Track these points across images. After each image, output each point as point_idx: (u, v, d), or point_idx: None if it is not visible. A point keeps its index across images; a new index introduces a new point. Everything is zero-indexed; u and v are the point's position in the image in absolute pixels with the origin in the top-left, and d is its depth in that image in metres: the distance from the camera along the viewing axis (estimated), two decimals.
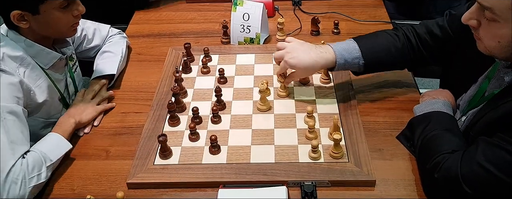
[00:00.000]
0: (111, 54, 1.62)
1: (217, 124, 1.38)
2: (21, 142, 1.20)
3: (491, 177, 1.01)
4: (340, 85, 1.50)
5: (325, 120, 1.37)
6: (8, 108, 1.20)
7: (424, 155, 1.18)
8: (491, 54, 1.10)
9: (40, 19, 1.29)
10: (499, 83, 1.17)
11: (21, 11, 1.25)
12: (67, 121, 1.36)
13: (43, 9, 1.27)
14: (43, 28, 1.33)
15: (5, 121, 1.18)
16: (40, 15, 1.28)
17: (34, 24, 1.30)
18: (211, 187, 1.20)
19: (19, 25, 1.28)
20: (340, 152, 1.24)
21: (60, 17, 1.31)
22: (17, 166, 1.14)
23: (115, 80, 1.60)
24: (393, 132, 1.34)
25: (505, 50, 1.04)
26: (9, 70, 1.26)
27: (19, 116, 1.23)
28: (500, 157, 1.01)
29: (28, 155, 1.19)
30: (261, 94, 1.40)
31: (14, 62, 1.29)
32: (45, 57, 1.38)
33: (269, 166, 1.23)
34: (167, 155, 1.28)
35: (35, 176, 1.17)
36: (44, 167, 1.20)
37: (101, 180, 1.26)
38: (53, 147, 1.26)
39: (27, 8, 1.26)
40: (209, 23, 1.92)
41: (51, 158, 1.22)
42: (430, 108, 1.28)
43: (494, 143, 1.03)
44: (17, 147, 1.17)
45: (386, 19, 1.88)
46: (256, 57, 1.66)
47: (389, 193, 1.17)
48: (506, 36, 1.01)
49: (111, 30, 1.70)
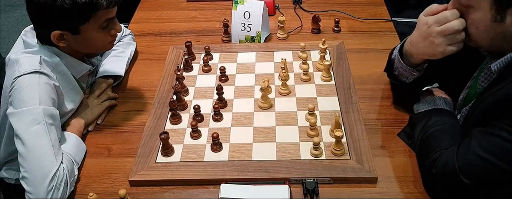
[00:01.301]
0: (121, 54, 1.62)
1: (218, 121, 1.39)
2: (59, 146, 1.21)
3: (488, 164, 1.01)
4: (341, 82, 1.50)
5: (326, 117, 1.37)
6: (48, 111, 1.20)
7: (423, 152, 1.18)
8: (477, 45, 1.11)
9: (79, 39, 1.29)
10: (488, 77, 1.18)
11: (61, 31, 1.26)
12: (78, 122, 1.37)
13: (84, 30, 1.28)
14: (81, 46, 1.34)
15: (47, 124, 1.18)
16: (79, 35, 1.28)
17: (72, 43, 1.30)
18: (213, 185, 1.20)
19: (58, 43, 1.29)
20: (342, 149, 1.24)
21: (98, 37, 1.32)
22: (60, 170, 1.15)
23: (120, 80, 1.60)
24: (395, 129, 1.34)
25: (484, 37, 1.05)
26: (47, 73, 1.26)
27: (56, 119, 1.23)
28: (495, 144, 1.01)
29: (64, 158, 1.20)
30: (262, 92, 1.41)
31: (49, 67, 1.30)
32: (76, 68, 1.39)
33: (270, 163, 1.24)
34: (169, 153, 1.28)
35: (74, 179, 1.20)
36: (76, 169, 1.23)
37: (103, 178, 1.26)
38: (76, 148, 1.28)
39: (68, 29, 1.26)
40: (210, 22, 1.93)
41: (77, 160, 1.26)
42: (430, 105, 1.28)
43: (487, 131, 1.04)
44: (58, 152, 1.18)
45: (386, 17, 1.88)
46: (257, 55, 1.67)
47: (391, 189, 1.18)
48: (482, 20, 1.03)
49: (125, 30, 1.71)
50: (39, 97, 1.20)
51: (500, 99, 1.04)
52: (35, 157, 1.14)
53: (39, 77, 1.23)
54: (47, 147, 1.16)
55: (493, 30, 1.03)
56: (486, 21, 1.03)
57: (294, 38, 1.79)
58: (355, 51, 1.68)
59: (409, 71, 1.28)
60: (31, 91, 1.21)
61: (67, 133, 1.31)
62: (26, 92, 1.21)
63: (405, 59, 1.27)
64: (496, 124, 1.03)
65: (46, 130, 1.17)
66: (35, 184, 1.12)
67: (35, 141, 1.16)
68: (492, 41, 1.06)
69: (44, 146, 1.16)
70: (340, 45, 1.68)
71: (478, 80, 1.22)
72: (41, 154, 1.15)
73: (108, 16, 1.30)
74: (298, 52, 1.63)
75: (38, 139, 1.16)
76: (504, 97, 1.02)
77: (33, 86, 1.21)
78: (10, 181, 1.46)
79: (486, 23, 1.03)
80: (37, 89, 1.21)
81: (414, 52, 1.21)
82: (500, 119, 1.02)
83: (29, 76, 1.23)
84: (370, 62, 1.62)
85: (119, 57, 1.61)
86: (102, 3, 1.24)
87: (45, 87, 1.23)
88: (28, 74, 1.23)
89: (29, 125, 1.17)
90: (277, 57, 1.64)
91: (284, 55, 1.63)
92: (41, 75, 1.24)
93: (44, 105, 1.20)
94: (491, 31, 1.04)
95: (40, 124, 1.17)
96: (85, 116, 1.40)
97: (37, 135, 1.17)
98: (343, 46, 1.67)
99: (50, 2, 1.20)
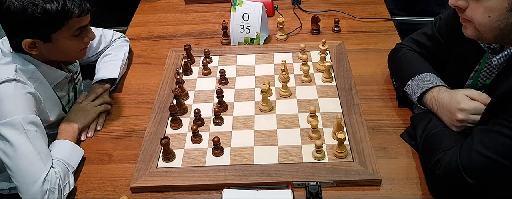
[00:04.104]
0: (113, 58, 1.61)
1: (219, 125, 1.37)
2: (47, 152, 1.20)
3: (491, 163, 1.00)
4: (343, 84, 1.49)
5: (328, 119, 1.36)
6: (28, 119, 1.20)
7: (426, 154, 1.17)
8: (480, 37, 1.10)
9: (51, 47, 1.29)
10: (489, 72, 1.18)
11: (32, 40, 1.25)
12: (70, 126, 1.36)
13: (55, 38, 1.27)
14: (53, 54, 1.33)
15: (29, 132, 1.18)
16: (51, 43, 1.28)
17: (44, 51, 1.30)
18: (215, 190, 1.19)
19: (30, 52, 1.28)
20: (344, 152, 1.23)
21: (70, 45, 1.32)
22: (51, 175, 1.15)
23: (116, 84, 1.59)
24: (397, 130, 1.33)
25: (495, 26, 1.04)
26: (23, 80, 1.26)
27: (39, 126, 1.23)
28: (497, 142, 1.00)
29: (54, 163, 1.19)
30: (263, 95, 1.40)
31: (25, 75, 1.29)
32: (52, 76, 1.38)
33: (273, 167, 1.23)
34: (170, 158, 1.27)
35: (67, 183, 1.19)
36: (70, 174, 1.22)
37: (104, 185, 1.25)
38: (70, 153, 1.27)
39: (40, 37, 1.26)
40: (209, 24, 1.92)
41: (72, 165, 1.24)
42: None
43: (489, 129, 1.03)
44: (46, 157, 1.18)
45: (386, 16, 1.87)
46: (257, 57, 1.65)
47: (395, 192, 1.17)
48: (496, 8, 1.01)
49: (114, 34, 1.70)
50: (16, 107, 1.20)
51: (501, 95, 1.02)
52: (22, 167, 1.14)
53: (16, 86, 1.23)
54: (33, 155, 1.16)
55: (505, 20, 1.02)
56: (502, 10, 1.01)
57: (294, 39, 1.78)
58: (356, 51, 1.67)
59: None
60: (8, 102, 1.20)
61: (59, 140, 1.30)
62: (3, 105, 1.19)
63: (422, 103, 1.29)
64: (497, 121, 1.02)
65: (28, 138, 1.17)
66: (29, 191, 1.13)
67: (19, 151, 1.15)
68: (501, 32, 1.04)
69: (30, 154, 1.16)
70: (340, 45, 1.67)
71: (480, 75, 1.21)
72: (28, 163, 1.15)
73: (81, 24, 1.29)
74: (298, 53, 1.62)
75: (22, 148, 1.16)
76: (505, 93, 1.01)
77: (10, 97, 1.21)
78: (5, 191, 1.46)
79: (501, 12, 1.01)
80: (14, 99, 1.21)
81: (433, 108, 1.23)
82: (501, 115, 1.01)
83: (5, 86, 1.22)
84: (371, 62, 1.60)
85: (112, 61, 1.60)
86: (74, 12, 1.23)
87: (22, 95, 1.23)
88: (4, 84, 1.22)
89: (10, 136, 1.16)
90: (277, 58, 1.63)
91: (284, 57, 1.62)
92: (18, 83, 1.24)
93: (22, 114, 1.19)
94: (504, 21, 1.02)
95: (22, 134, 1.17)
96: (78, 120, 1.39)
97: (20, 144, 1.16)
98: (343, 47, 1.66)
99: (21, 11, 1.19)
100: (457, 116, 1.14)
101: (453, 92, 1.19)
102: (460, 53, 1.27)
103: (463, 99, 1.15)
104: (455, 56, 1.30)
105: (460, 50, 1.27)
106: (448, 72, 1.33)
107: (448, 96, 1.19)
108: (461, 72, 1.28)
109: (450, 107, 1.17)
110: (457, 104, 1.15)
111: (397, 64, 1.42)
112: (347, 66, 1.57)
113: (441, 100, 1.20)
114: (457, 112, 1.14)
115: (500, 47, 1.14)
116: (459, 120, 1.14)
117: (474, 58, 1.23)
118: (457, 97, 1.16)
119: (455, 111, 1.15)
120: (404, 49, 1.42)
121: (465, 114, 1.13)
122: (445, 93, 1.20)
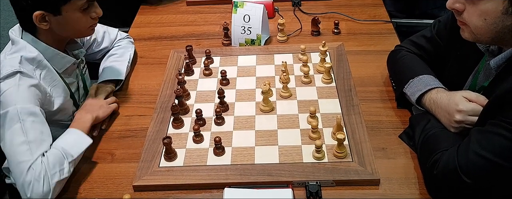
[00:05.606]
0: (119, 59, 1.63)
1: (220, 125, 1.39)
2: (40, 141, 1.21)
3: (488, 163, 1.01)
4: (342, 85, 1.51)
5: (328, 120, 1.38)
6: (26, 109, 1.22)
7: (424, 154, 1.19)
8: (477, 39, 1.12)
9: (61, 20, 1.31)
10: (487, 74, 1.19)
11: (43, 12, 1.27)
12: (85, 116, 1.37)
13: (65, 10, 1.29)
14: (63, 28, 1.35)
15: (24, 122, 1.20)
16: (61, 16, 1.30)
17: (54, 25, 1.32)
18: (217, 189, 1.21)
19: (40, 26, 1.30)
20: (344, 152, 1.25)
21: (80, 18, 1.34)
22: (36, 164, 1.16)
23: (121, 85, 1.61)
24: (396, 130, 1.35)
25: (491, 29, 1.05)
26: (27, 72, 1.28)
27: (38, 116, 1.24)
28: (494, 142, 1.01)
29: (48, 153, 1.21)
30: (263, 96, 1.41)
31: (31, 65, 1.31)
32: (60, 61, 1.40)
33: (273, 166, 1.24)
34: (172, 157, 1.28)
35: (57, 172, 1.19)
36: (66, 162, 1.21)
37: (107, 183, 1.26)
38: (74, 142, 1.28)
39: (50, 9, 1.28)
40: (210, 25, 1.93)
41: (72, 153, 1.24)
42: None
43: (486, 130, 1.04)
44: (35, 146, 1.19)
45: (386, 18, 1.89)
46: (258, 58, 1.67)
47: (394, 191, 1.18)
48: (491, 11, 1.03)
49: (119, 34, 1.71)
50: (16, 99, 1.22)
51: (498, 96, 1.04)
52: (12, 156, 1.18)
53: (19, 79, 1.25)
54: (23, 145, 1.18)
55: (501, 23, 1.03)
56: (497, 13, 1.02)
57: (294, 40, 1.80)
58: (355, 53, 1.68)
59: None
60: (10, 94, 1.23)
61: (69, 129, 1.32)
62: (5, 96, 1.23)
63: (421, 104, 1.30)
64: (494, 122, 1.03)
65: (22, 129, 1.20)
66: (18, 181, 1.16)
67: (12, 141, 1.19)
68: (497, 34, 1.06)
69: (20, 143, 1.18)
70: (340, 47, 1.69)
71: (478, 77, 1.23)
72: (17, 152, 1.18)
73: None
74: (299, 55, 1.64)
75: (14, 138, 1.19)
76: (502, 94, 1.02)
77: (12, 89, 1.24)
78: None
79: (496, 14, 1.03)
80: (16, 92, 1.23)
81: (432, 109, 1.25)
82: (498, 116, 1.02)
83: (9, 79, 1.25)
84: (370, 63, 1.62)
85: (118, 61, 1.62)
86: None
87: (25, 87, 1.25)
88: (8, 77, 1.25)
89: (7, 127, 1.20)
90: (278, 60, 1.65)
91: (284, 58, 1.64)
92: (22, 75, 1.26)
93: (21, 104, 1.22)
94: (499, 24, 1.04)
95: (17, 124, 1.20)
96: (93, 112, 1.40)
97: (13, 134, 1.19)
98: (343, 48, 1.68)
99: None
100: (455, 117, 1.16)
101: (451, 94, 1.21)
102: (459, 55, 1.29)
103: (461, 101, 1.16)
104: (454, 58, 1.32)
105: (459, 53, 1.28)
106: (447, 75, 1.34)
107: (447, 98, 1.21)
108: (459, 75, 1.29)
109: (448, 108, 1.18)
110: (455, 105, 1.16)
111: (396, 66, 1.44)
112: (347, 67, 1.58)
113: (440, 101, 1.22)
114: (455, 113, 1.16)
115: (498, 49, 1.15)
116: (457, 121, 1.16)
117: (472, 60, 1.25)
118: (455, 99, 1.18)
119: (453, 112, 1.17)
120: (403, 51, 1.44)
121: (463, 115, 1.15)
122: (443, 95, 1.22)
